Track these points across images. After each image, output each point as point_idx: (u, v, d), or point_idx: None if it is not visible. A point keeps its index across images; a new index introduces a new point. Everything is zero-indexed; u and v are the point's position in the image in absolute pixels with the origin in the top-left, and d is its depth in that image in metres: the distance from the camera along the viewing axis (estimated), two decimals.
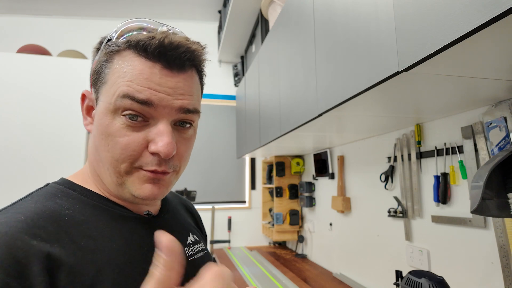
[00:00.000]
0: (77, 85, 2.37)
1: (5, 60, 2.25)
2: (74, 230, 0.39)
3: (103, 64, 0.42)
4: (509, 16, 0.43)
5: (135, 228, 0.45)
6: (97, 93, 0.44)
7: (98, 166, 0.44)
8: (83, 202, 0.43)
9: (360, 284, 1.62)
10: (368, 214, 1.59)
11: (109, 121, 0.41)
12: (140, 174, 0.42)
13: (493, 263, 0.95)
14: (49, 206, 0.40)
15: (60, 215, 0.39)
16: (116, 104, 0.40)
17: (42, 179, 1.98)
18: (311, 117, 1.14)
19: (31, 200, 0.40)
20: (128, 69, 0.40)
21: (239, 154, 2.64)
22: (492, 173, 0.73)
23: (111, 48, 0.42)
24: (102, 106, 0.42)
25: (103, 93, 0.42)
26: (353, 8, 0.85)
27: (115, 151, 0.41)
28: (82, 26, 2.87)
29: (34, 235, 0.35)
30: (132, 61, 0.40)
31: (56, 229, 0.38)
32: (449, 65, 0.63)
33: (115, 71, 0.41)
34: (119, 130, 0.40)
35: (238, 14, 2.34)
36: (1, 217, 0.36)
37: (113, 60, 0.42)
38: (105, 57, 0.42)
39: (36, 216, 0.37)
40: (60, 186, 0.44)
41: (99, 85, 0.43)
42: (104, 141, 0.41)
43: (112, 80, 0.41)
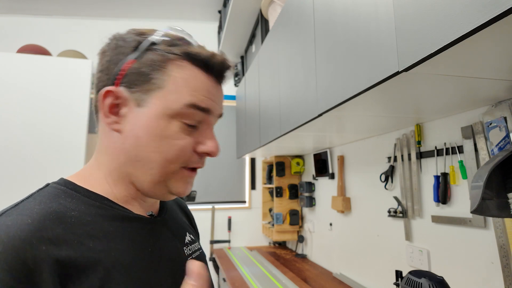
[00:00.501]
0: (77, 85, 2.37)
1: (5, 60, 2.25)
2: (81, 231, 0.39)
3: (155, 69, 0.43)
4: (509, 16, 0.43)
5: (139, 228, 0.46)
6: (138, 94, 0.43)
7: (134, 165, 0.44)
8: (87, 203, 0.43)
9: (360, 284, 1.62)
10: (368, 214, 1.59)
11: (164, 124, 0.43)
12: (183, 173, 0.46)
13: (493, 263, 0.95)
14: (54, 207, 0.39)
15: (66, 216, 0.39)
16: (179, 111, 0.43)
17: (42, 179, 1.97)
18: (311, 117, 1.14)
19: (34, 202, 0.40)
20: (191, 80, 0.44)
21: (239, 154, 2.64)
22: (492, 173, 0.73)
23: (167, 56, 0.43)
24: (154, 109, 0.43)
25: (157, 97, 0.43)
26: (353, 8, 0.85)
27: (170, 153, 0.44)
28: (82, 26, 2.87)
29: (42, 238, 0.35)
30: (194, 73, 0.44)
31: (64, 231, 0.38)
32: (449, 65, 0.63)
33: (176, 80, 0.43)
34: (176, 134, 0.44)
35: (238, 14, 2.34)
36: (5, 220, 0.36)
37: (168, 67, 0.43)
38: (157, 61, 0.43)
39: (43, 218, 0.37)
40: (62, 187, 0.44)
41: (146, 88, 0.43)
42: (155, 142, 0.43)
43: (172, 87, 0.43)
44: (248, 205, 2.93)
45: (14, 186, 2.14)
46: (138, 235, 0.45)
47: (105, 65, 0.46)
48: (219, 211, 2.84)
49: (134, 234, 0.45)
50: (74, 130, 2.31)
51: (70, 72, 2.36)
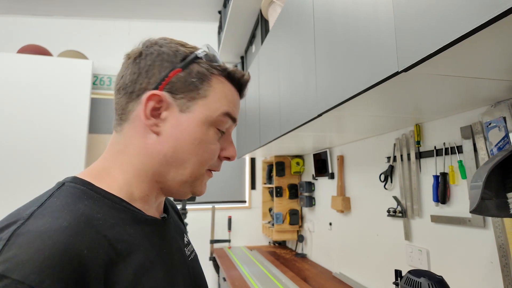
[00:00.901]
0: (77, 85, 2.37)
1: (6, 60, 2.25)
2: (109, 234, 0.39)
3: (201, 80, 0.48)
4: (509, 16, 0.43)
5: (155, 230, 0.47)
6: (182, 100, 0.47)
7: (169, 167, 0.47)
8: (108, 205, 0.43)
9: (359, 284, 1.63)
10: (367, 214, 1.59)
11: (205, 130, 0.48)
12: (208, 175, 0.52)
13: (492, 262, 0.95)
14: (82, 209, 0.39)
15: (94, 218, 0.39)
16: (218, 118, 0.49)
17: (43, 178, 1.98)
18: (311, 117, 1.14)
19: (59, 202, 0.39)
20: (228, 94, 0.50)
21: (239, 154, 2.64)
22: (491, 173, 0.73)
23: (212, 71, 0.49)
24: (197, 116, 0.47)
25: (201, 105, 0.48)
26: (353, 8, 0.85)
27: (205, 156, 0.49)
28: (82, 26, 2.87)
29: (82, 242, 0.35)
30: (229, 87, 0.51)
31: (96, 234, 0.38)
32: (449, 65, 0.63)
33: (217, 91, 0.49)
34: (211, 139, 0.49)
35: (238, 14, 2.34)
36: (38, 223, 0.35)
37: (211, 80, 0.49)
38: (203, 74, 0.48)
39: (77, 221, 0.37)
40: (81, 186, 0.43)
41: (191, 96, 0.47)
42: (194, 146, 0.47)
43: (214, 97, 0.49)
44: (248, 205, 2.94)
45: (15, 185, 2.15)
46: (154, 237, 0.46)
47: (144, 68, 0.47)
48: (219, 210, 2.85)
49: (152, 236, 0.46)
50: (75, 130, 2.31)
51: (70, 72, 2.36)
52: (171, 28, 3.05)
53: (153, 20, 3.04)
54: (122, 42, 2.89)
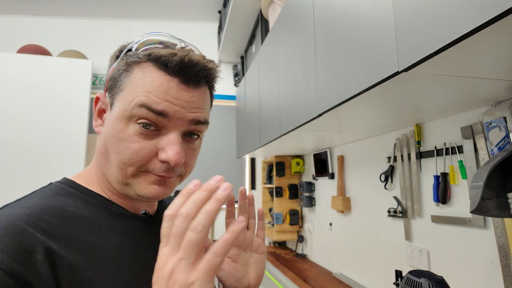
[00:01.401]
0: (77, 85, 2.37)
1: (6, 60, 2.25)
2: (75, 225, 0.41)
3: (122, 73, 0.45)
4: (509, 16, 0.43)
5: (133, 226, 0.48)
6: (112, 98, 0.45)
7: (106, 165, 0.46)
8: (84, 200, 0.45)
9: (360, 284, 1.62)
10: (368, 214, 1.59)
11: (122, 127, 0.43)
12: (147, 176, 0.45)
13: (492, 263, 0.95)
14: (53, 202, 0.42)
15: (63, 210, 0.41)
16: (132, 112, 0.42)
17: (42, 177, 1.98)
18: (311, 117, 1.14)
19: (35, 197, 0.43)
20: (147, 81, 0.42)
21: (239, 154, 2.64)
22: (491, 173, 0.73)
23: (132, 59, 0.44)
24: (117, 112, 0.44)
25: (119, 99, 0.44)
26: (353, 8, 0.85)
27: (125, 155, 0.43)
28: (82, 26, 2.87)
29: (37, 227, 0.37)
30: (152, 73, 0.43)
31: (59, 223, 0.40)
32: (449, 65, 0.63)
33: (134, 81, 0.43)
34: (131, 136, 0.43)
35: (238, 14, 2.34)
36: (7, 210, 0.39)
37: (133, 70, 0.44)
38: (124, 66, 0.45)
39: (41, 210, 0.39)
40: (63, 185, 0.46)
41: (115, 92, 0.45)
42: (115, 144, 0.43)
43: (130, 89, 0.43)
44: None
45: (15, 185, 2.14)
46: (132, 232, 0.47)
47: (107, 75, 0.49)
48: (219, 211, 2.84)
49: (128, 231, 0.46)
50: (74, 130, 2.31)
51: (70, 72, 2.36)
52: (171, 28, 3.05)
53: (153, 20, 3.04)
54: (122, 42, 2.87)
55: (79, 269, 0.38)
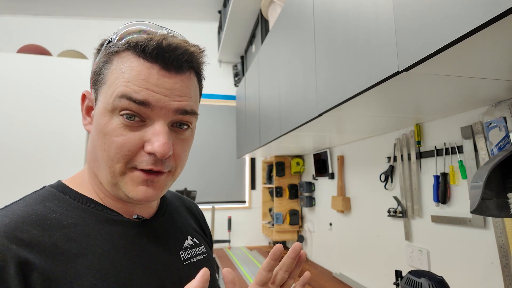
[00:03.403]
0: (77, 85, 2.37)
1: (6, 60, 2.25)
2: (58, 234, 0.39)
3: (103, 65, 0.43)
4: (509, 16, 0.43)
5: (124, 232, 0.45)
6: (96, 93, 0.44)
7: (95, 165, 0.44)
8: (73, 205, 0.44)
9: (360, 284, 1.62)
10: (368, 214, 1.59)
11: (106, 121, 0.41)
12: (134, 175, 0.42)
13: (492, 263, 0.95)
14: (37, 209, 0.41)
15: (46, 218, 0.40)
16: (114, 104, 0.40)
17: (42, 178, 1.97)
18: (311, 117, 1.14)
19: (22, 203, 0.41)
20: (126, 70, 0.40)
21: (239, 154, 2.64)
22: (491, 173, 0.73)
23: (111, 49, 0.42)
24: (100, 106, 0.42)
25: (101, 93, 0.42)
26: (353, 8, 0.85)
27: (111, 150, 0.41)
28: (82, 26, 2.87)
29: (15, 239, 0.36)
30: (131, 62, 0.41)
31: (40, 232, 0.38)
32: (449, 65, 0.63)
33: (113, 72, 0.41)
34: (115, 130, 0.41)
35: (238, 14, 2.34)
36: None
37: (113, 61, 0.42)
38: (104, 58, 0.43)
39: (21, 219, 0.38)
40: (53, 189, 0.45)
41: (98, 86, 0.43)
42: (101, 140, 0.41)
43: (110, 80, 0.41)
44: (248, 205, 2.93)
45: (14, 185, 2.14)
46: (121, 239, 0.44)
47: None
48: (219, 211, 2.84)
49: (117, 237, 0.44)
50: (74, 130, 2.31)
51: (70, 72, 2.36)
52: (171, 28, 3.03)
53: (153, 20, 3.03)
54: None
55: (57, 281, 0.36)
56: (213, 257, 0.61)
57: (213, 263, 0.60)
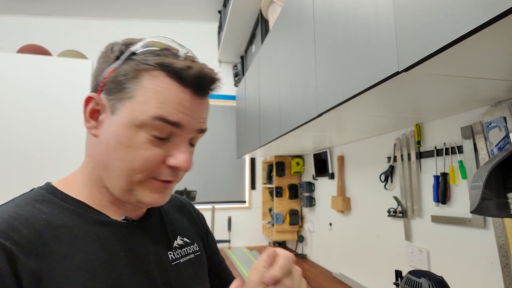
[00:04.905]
0: (77, 85, 2.37)
1: (6, 60, 2.25)
2: (48, 234, 0.41)
3: (128, 79, 0.43)
4: (509, 16, 0.43)
5: (112, 233, 0.46)
6: (114, 102, 0.44)
7: (105, 171, 0.45)
8: (62, 207, 0.45)
9: (360, 284, 1.62)
10: (367, 214, 1.59)
11: (131, 134, 0.43)
12: (153, 184, 0.45)
13: (492, 263, 0.95)
14: (27, 210, 0.42)
15: (37, 219, 0.41)
16: (145, 122, 0.42)
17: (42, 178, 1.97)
18: (311, 117, 1.14)
19: (12, 204, 0.43)
20: (162, 91, 0.42)
21: (239, 154, 2.64)
22: (491, 173, 0.73)
23: (141, 66, 0.43)
24: (124, 119, 0.43)
25: (126, 106, 0.43)
26: (353, 8, 0.85)
27: (135, 162, 0.43)
28: (82, 26, 2.87)
29: (7, 236, 0.37)
30: (166, 84, 0.43)
31: (30, 232, 0.39)
32: (449, 65, 0.63)
33: (146, 90, 0.42)
34: (142, 144, 0.43)
35: (238, 14, 2.34)
36: None
37: (142, 77, 0.43)
38: (131, 71, 0.43)
39: (12, 219, 0.40)
40: (43, 191, 0.46)
41: (120, 97, 0.44)
42: (121, 151, 0.43)
43: (142, 98, 0.42)
44: (248, 205, 2.93)
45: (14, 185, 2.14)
46: (110, 240, 0.45)
47: (95, 71, 0.48)
48: (219, 211, 2.84)
49: (106, 238, 0.45)
50: (74, 130, 2.30)
51: (70, 72, 2.36)
52: (171, 28, 3.05)
53: (153, 20, 3.04)
54: None
55: (47, 280, 0.37)
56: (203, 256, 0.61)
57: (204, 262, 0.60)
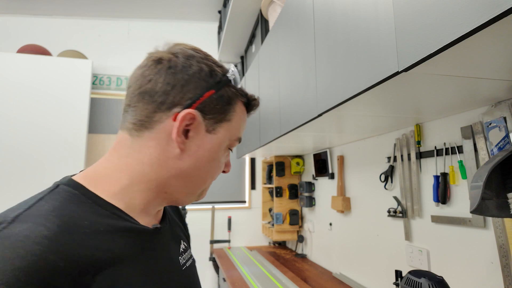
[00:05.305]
0: (77, 85, 2.37)
1: (6, 60, 2.25)
2: (94, 243, 0.38)
3: (226, 103, 0.49)
4: (509, 16, 0.43)
5: (145, 241, 0.46)
6: (211, 121, 0.48)
7: (179, 179, 0.48)
8: (98, 212, 0.42)
9: (359, 284, 1.62)
10: (367, 214, 1.59)
11: (221, 150, 0.51)
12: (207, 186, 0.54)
13: (492, 263, 0.95)
14: (67, 215, 0.39)
15: (79, 226, 0.38)
16: (231, 142, 0.52)
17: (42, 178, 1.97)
18: (311, 117, 1.14)
19: (47, 206, 0.39)
20: (243, 118, 0.54)
21: (239, 154, 2.64)
22: (491, 173, 0.73)
23: (238, 96, 0.51)
24: (220, 138, 0.50)
25: (225, 127, 0.50)
26: (353, 8, 0.85)
27: (217, 172, 0.53)
28: (82, 26, 2.87)
29: (59, 254, 0.34)
30: (243, 110, 0.54)
31: (78, 243, 0.37)
32: (449, 65, 0.63)
33: (238, 117, 0.52)
34: (223, 157, 0.53)
35: (238, 14, 2.34)
36: (19, 228, 0.34)
37: (236, 105, 0.51)
38: (231, 97, 0.50)
39: (59, 229, 0.36)
40: (74, 190, 0.42)
41: (219, 118, 0.49)
42: (210, 164, 0.50)
43: (236, 123, 0.52)
44: (248, 205, 2.93)
45: (14, 185, 2.14)
46: (144, 248, 0.45)
47: (180, 82, 0.46)
48: (219, 211, 2.84)
49: (141, 246, 0.45)
50: (74, 130, 2.31)
51: (70, 72, 2.36)
52: (171, 28, 3.05)
53: (153, 20, 3.04)
54: (121, 42, 2.89)
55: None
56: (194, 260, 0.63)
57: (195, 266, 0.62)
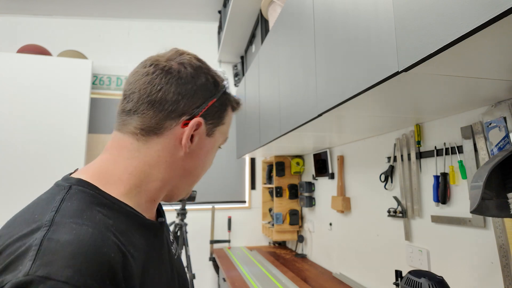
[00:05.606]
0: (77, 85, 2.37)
1: (6, 60, 2.25)
2: (122, 239, 0.41)
3: (222, 109, 0.55)
4: (509, 16, 0.43)
5: (154, 234, 0.51)
6: (210, 126, 0.54)
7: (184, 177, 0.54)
8: (117, 210, 0.44)
9: (360, 284, 1.62)
10: (367, 214, 1.59)
11: (214, 150, 0.57)
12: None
13: (492, 263, 0.95)
14: (97, 215, 0.41)
15: (108, 224, 0.41)
16: (223, 142, 0.59)
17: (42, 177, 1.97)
18: (311, 117, 1.14)
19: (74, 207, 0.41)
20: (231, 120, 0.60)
21: (239, 154, 2.64)
22: (491, 173, 0.73)
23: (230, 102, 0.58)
24: (216, 140, 0.56)
25: (220, 130, 0.56)
26: (352, 8, 0.85)
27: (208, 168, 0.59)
28: (82, 26, 2.87)
29: (108, 247, 0.38)
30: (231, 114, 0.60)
31: (114, 239, 0.40)
32: (449, 65, 0.63)
33: (229, 119, 0.58)
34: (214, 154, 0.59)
35: (238, 14, 2.34)
36: (65, 230, 0.37)
37: (228, 109, 0.57)
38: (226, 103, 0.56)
39: (98, 227, 0.39)
40: (90, 191, 0.44)
41: (217, 122, 0.55)
42: (206, 162, 0.56)
43: (228, 125, 0.59)
44: (248, 205, 2.93)
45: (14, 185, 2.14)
46: (154, 240, 0.50)
47: (190, 92, 0.50)
48: (219, 211, 2.84)
49: (151, 239, 0.49)
50: (74, 130, 2.31)
51: (70, 72, 2.36)
52: (171, 28, 3.05)
53: (153, 20, 3.04)
54: (121, 42, 2.89)
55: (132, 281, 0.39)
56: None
57: None
